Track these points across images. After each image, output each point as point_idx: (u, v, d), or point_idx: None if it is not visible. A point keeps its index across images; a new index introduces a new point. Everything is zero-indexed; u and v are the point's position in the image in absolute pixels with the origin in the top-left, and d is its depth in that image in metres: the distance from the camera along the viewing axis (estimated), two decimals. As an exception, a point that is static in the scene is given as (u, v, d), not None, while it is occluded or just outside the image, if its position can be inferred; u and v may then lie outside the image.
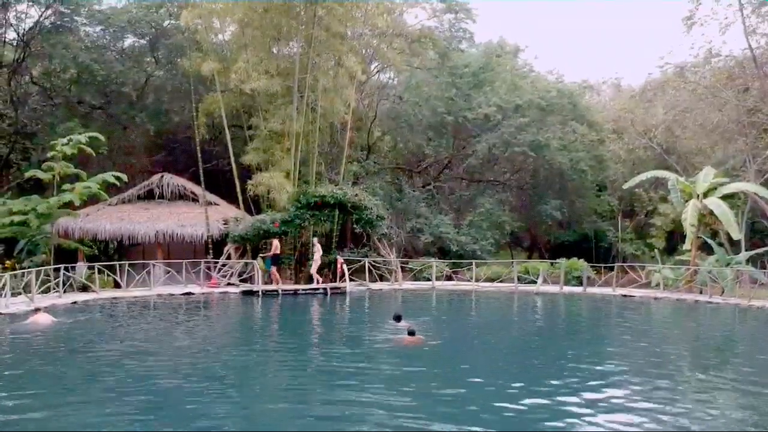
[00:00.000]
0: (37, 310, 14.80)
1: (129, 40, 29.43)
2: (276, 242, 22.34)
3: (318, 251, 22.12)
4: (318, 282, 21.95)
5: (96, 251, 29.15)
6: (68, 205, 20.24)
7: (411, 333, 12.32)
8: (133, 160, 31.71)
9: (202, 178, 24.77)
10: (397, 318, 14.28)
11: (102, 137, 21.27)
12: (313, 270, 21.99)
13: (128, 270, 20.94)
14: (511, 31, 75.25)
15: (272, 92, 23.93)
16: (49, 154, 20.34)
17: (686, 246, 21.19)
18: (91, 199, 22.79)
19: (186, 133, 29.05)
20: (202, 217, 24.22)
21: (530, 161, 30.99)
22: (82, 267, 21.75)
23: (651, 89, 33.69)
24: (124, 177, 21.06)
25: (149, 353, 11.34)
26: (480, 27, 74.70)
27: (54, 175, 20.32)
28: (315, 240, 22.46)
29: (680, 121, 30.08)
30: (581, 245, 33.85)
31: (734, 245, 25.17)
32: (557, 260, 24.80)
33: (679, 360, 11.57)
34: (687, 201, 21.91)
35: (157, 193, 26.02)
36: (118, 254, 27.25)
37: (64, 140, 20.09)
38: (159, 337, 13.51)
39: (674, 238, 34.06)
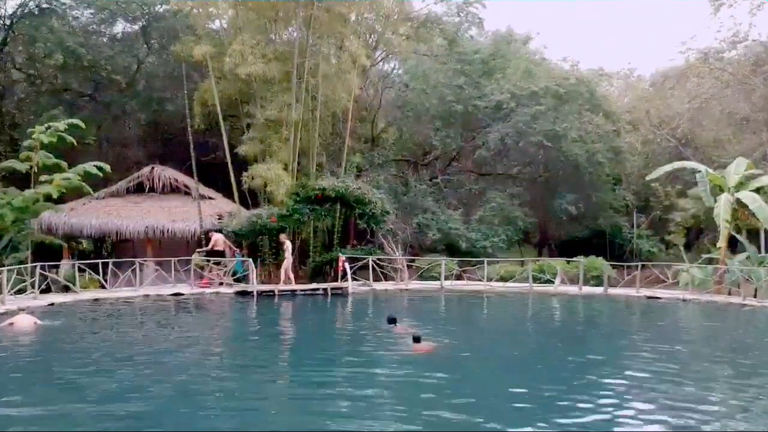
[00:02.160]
0: (20, 310, 13.37)
1: (120, 26, 27.92)
2: (216, 237, 20.81)
3: (288, 249, 20.47)
4: (292, 282, 20.27)
5: (88, 248, 27.87)
6: (48, 199, 18.69)
7: (416, 339, 11.14)
8: (126, 151, 30.29)
9: (194, 170, 23.17)
10: (392, 320, 13.22)
11: (82, 124, 19.67)
12: (283, 271, 20.20)
13: (113, 269, 19.35)
14: (519, 21, 73.47)
15: (269, 77, 22.30)
16: (25, 143, 18.76)
17: (720, 243, 19.51)
18: (79, 193, 21.28)
19: (182, 123, 27.33)
20: (195, 211, 22.67)
21: (544, 153, 29.26)
22: (66, 265, 20.29)
23: (669, 78, 32.07)
24: (107, 167, 19.48)
25: (111, 370, 9.74)
26: (489, 14, 72.52)
27: (32, 166, 18.77)
28: (283, 236, 20.75)
29: (704, 110, 28.40)
30: (593, 241, 32.12)
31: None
32: (574, 258, 23.15)
33: (725, 370, 9.97)
34: (718, 195, 20.24)
35: (148, 186, 24.48)
36: (113, 251, 25.95)
37: (42, 128, 18.53)
38: (132, 347, 11.92)
39: (693, 235, 32.51)
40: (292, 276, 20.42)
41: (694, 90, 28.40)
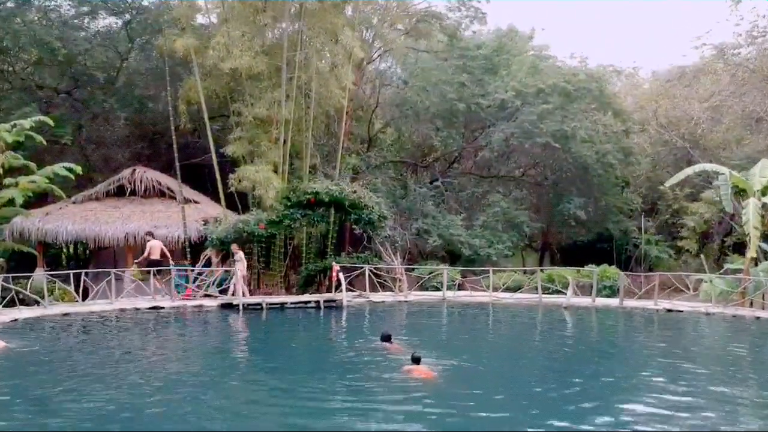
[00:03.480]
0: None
1: (102, 20, 26.31)
2: (153, 244, 19.15)
3: (240, 260, 18.86)
4: (247, 295, 18.56)
5: (64, 255, 26.39)
6: (11, 203, 17.12)
7: (416, 360, 9.88)
8: (109, 153, 28.78)
9: (178, 172, 21.61)
10: (386, 338, 12.02)
11: (50, 122, 18.07)
12: (238, 285, 18.36)
13: (85, 280, 17.75)
14: (521, 19, 71.97)
15: (257, 72, 20.77)
16: (-13, 143, 17.22)
17: (750, 252, 17.92)
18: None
19: (167, 123, 26.02)
20: (178, 216, 21.15)
21: (551, 154, 27.71)
22: (40, 275, 18.72)
23: (683, 76, 30.64)
24: (78, 169, 17.88)
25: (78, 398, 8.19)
26: (490, 12, 71.12)
27: (-4, 168, 17.20)
28: (235, 247, 19.09)
29: (718, 109, 26.95)
30: (596, 246, 30.69)
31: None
32: (587, 267, 21.63)
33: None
34: (742, 199, 18.72)
35: (129, 189, 22.95)
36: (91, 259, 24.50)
37: (7, 126, 16.96)
38: (101, 370, 10.32)
39: (702, 240, 31.01)
40: (246, 289, 18.80)
41: (711, 88, 26.88)
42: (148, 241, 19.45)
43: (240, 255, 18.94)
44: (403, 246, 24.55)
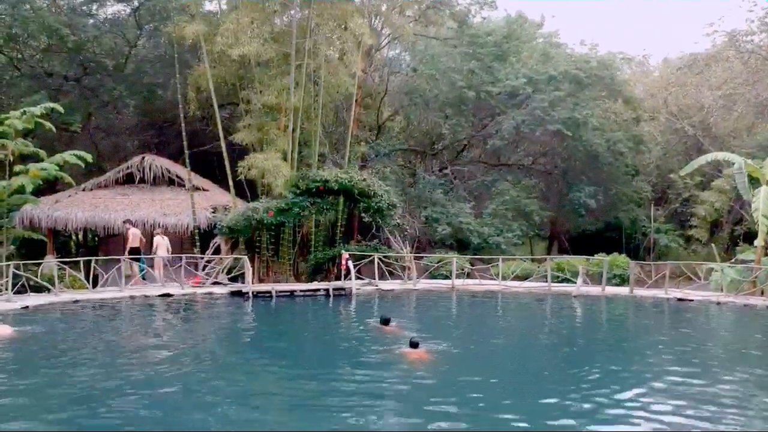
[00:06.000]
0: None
1: (111, 6, 26.23)
2: (133, 232, 19.19)
3: (161, 246, 19.10)
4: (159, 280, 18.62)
5: (73, 243, 26.47)
6: (22, 191, 17.11)
7: (414, 345, 9.98)
8: (119, 140, 28.84)
9: (187, 159, 21.60)
10: (385, 321, 12.32)
11: (61, 109, 18.00)
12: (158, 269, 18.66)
13: (94, 266, 17.78)
14: (529, 7, 71.32)
15: (266, 59, 20.68)
16: (-1, 129, 17.17)
17: (758, 242, 17.78)
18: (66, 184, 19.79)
19: (177, 110, 25.99)
20: (187, 204, 21.14)
21: (561, 142, 27.53)
22: (51, 262, 18.73)
23: (690, 64, 30.32)
24: (89, 157, 17.82)
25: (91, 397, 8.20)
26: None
27: (6, 155, 17.16)
28: (159, 232, 19.36)
29: (730, 97, 26.68)
30: (605, 235, 30.55)
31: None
32: (596, 256, 21.53)
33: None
34: (754, 188, 18.55)
35: (138, 177, 22.96)
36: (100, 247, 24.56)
37: (17, 113, 16.92)
38: (112, 355, 10.34)
39: (714, 229, 30.81)
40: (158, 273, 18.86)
41: (722, 76, 26.60)
42: (128, 229, 19.47)
43: (163, 241, 19.25)
44: (412, 234, 24.50)
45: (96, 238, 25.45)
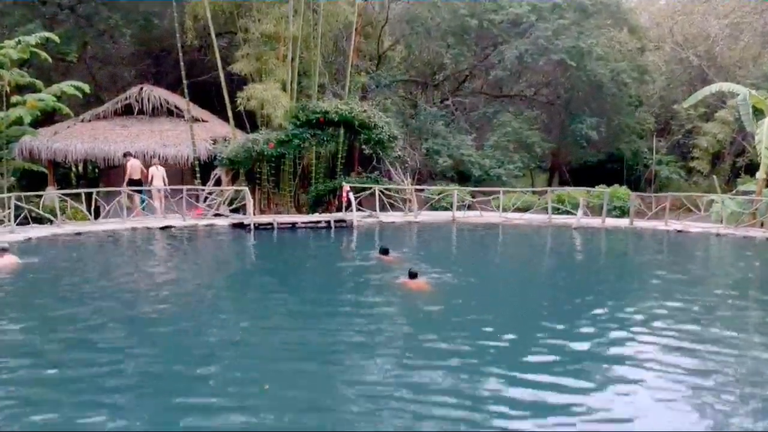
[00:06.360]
0: (3, 250, 11.88)
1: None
2: (132, 164, 19.11)
3: (157, 174, 19.11)
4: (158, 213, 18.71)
5: (73, 174, 26.43)
6: (20, 122, 16.96)
7: (413, 275, 10.15)
8: (116, 71, 28.39)
9: (186, 90, 21.32)
10: (384, 251, 12.54)
11: (56, 38, 17.63)
12: (156, 202, 18.76)
13: (96, 198, 17.81)
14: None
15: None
16: (-8, 60, 16.85)
17: (760, 174, 17.74)
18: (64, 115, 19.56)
19: (174, 40, 25.47)
20: (187, 135, 20.98)
21: (564, 72, 27.10)
22: (52, 194, 18.74)
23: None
24: (86, 87, 17.60)
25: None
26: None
27: (2, 86, 16.93)
28: (155, 162, 19.51)
29: (737, 26, 26.14)
30: (606, 167, 30.47)
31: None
32: (596, 188, 21.52)
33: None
34: (757, 119, 18.38)
35: (137, 107, 22.66)
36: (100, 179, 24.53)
37: (12, 42, 16.61)
38: (116, 285, 10.48)
39: (716, 161, 30.70)
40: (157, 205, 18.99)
41: (730, 4, 25.97)
42: (127, 161, 19.37)
43: (159, 172, 19.13)
44: (413, 166, 24.44)
45: (96, 170, 25.37)
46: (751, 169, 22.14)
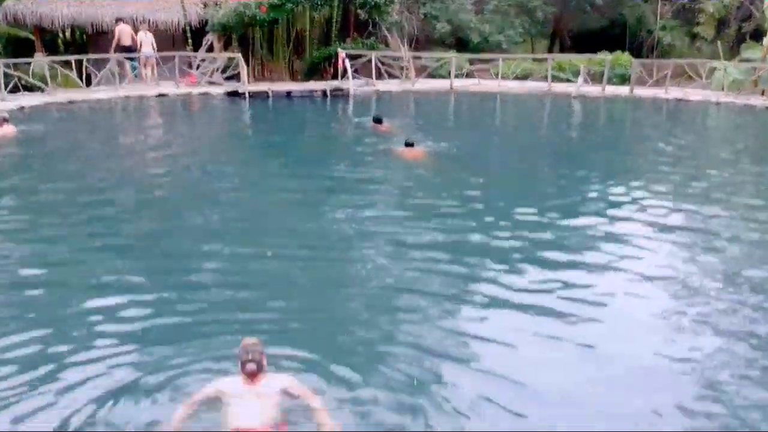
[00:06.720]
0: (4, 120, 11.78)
1: None
2: (122, 29, 18.41)
3: (145, 40, 18.40)
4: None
5: (60, 41, 25.63)
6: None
7: (410, 144, 10.33)
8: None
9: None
10: (378, 120, 12.57)
11: None
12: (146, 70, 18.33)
13: (86, 66, 17.39)
14: None
15: None
16: None
17: (766, 40, 17.29)
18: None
19: None
20: (177, -1, 20.18)
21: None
22: (41, 61, 18.28)
23: None
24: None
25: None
26: None
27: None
28: (144, 27, 18.84)
29: None
30: (608, 33, 29.58)
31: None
32: (598, 54, 21.01)
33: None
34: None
35: (123, -32, 21.61)
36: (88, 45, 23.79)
37: None
38: (115, 154, 10.50)
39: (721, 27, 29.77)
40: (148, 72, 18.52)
41: None
42: (117, 26, 18.73)
43: (141, 36, 18.46)
44: (410, 32, 23.68)
45: (84, 36, 24.59)
46: (757, 35, 21.51)
